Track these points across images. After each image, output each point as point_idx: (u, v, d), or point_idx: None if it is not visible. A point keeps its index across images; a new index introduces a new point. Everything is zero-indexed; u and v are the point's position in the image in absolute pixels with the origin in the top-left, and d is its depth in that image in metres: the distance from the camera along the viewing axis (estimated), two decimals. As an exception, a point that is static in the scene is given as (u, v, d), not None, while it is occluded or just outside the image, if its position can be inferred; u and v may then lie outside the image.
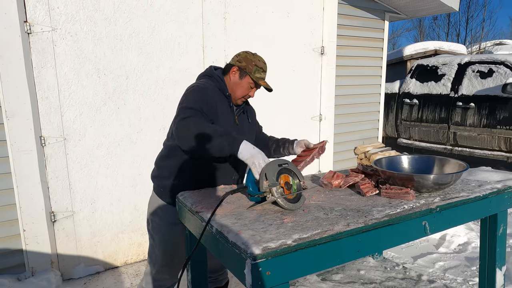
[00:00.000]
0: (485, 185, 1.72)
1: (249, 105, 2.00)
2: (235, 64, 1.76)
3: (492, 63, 5.32)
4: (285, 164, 1.43)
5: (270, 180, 1.35)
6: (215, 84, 1.74)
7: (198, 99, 1.60)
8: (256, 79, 1.74)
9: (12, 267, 2.56)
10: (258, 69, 1.74)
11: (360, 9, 4.21)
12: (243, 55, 1.77)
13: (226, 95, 1.74)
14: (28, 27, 2.42)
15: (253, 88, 1.78)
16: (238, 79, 1.75)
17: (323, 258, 1.15)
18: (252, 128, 1.94)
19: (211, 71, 1.80)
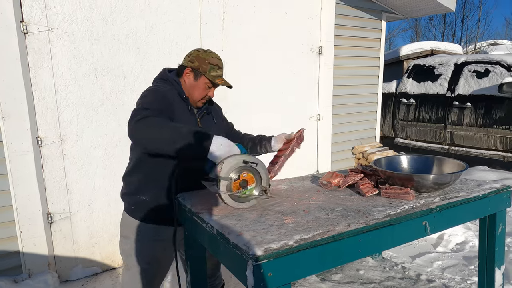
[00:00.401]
0: (484, 185, 1.72)
1: (213, 104, 1.89)
2: (187, 65, 1.65)
3: (488, 63, 5.35)
4: (254, 164, 1.36)
5: (223, 171, 1.31)
6: (171, 87, 1.64)
7: (154, 100, 1.51)
8: (212, 78, 1.62)
9: (8, 269, 2.54)
10: (213, 67, 1.63)
11: (357, 9, 4.22)
12: (194, 54, 1.65)
13: (184, 98, 1.64)
14: (24, 26, 2.40)
15: (211, 87, 1.67)
16: (193, 81, 1.64)
17: (324, 259, 1.15)
18: (219, 129, 1.83)
19: (165, 74, 1.70)
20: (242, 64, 3.38)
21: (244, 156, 1.35)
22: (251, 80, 3.46)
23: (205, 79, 1.63)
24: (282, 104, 3.72)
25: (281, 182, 1.93)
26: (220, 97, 3.28)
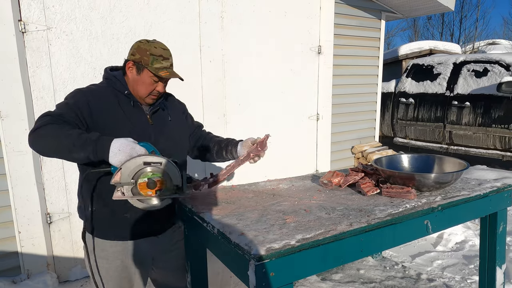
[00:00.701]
0: (485, 184, 1.72)
1: (172, 100, 1.73)
2: (129, 58, 1.49)
3: (487, 62, 5.36)
4: (157, 163, 1.27)
5: (123, 177, 1.25)
6: (109, 85, 1.50)
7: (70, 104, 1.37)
8: (155, 70, 1.44)
9: (7, 270, 2.52)
10: (156, 58, 1.45)
11: (357, 8, 4.22)
12: (135, 45, 1.49)
13: (126, 94, 1.49)
14: (22, 26, 2.38)
15: (158, 81, 1.49)
16: (136, 75, 1.48)
17: (326, 259, 1.14)
18: (177, 127, 1.66)
19: (106, 73, 1.55)
20: (241, 64, 3.37)
21: (145, 157, 1.26)
22: (250, 79, 3.45)
23: (148, 72, 1.46)
24: (281, 104, 3.71)
25: (281, 182, 1.93)
26: (219, 96, 3.28)
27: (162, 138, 1.54)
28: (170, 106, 1.67)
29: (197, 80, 3.13)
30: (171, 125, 1.62)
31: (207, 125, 3.34)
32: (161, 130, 1.57)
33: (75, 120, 1.35)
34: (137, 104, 1.52)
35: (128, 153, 1.25)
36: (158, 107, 1.58)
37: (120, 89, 1.50)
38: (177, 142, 1.64)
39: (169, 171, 1.30)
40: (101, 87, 1.51)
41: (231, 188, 1.83)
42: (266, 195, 1.66)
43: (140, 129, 1.49)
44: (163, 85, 1.52)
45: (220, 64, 3.23)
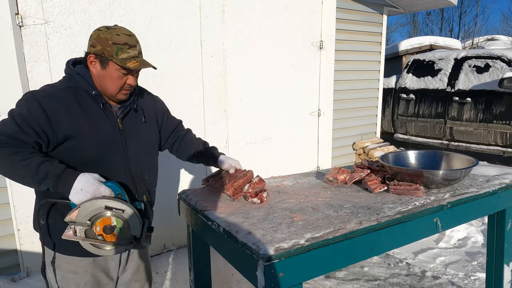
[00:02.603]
0: (493, 181, 1.69)
1: (146, 97, 1.53)
2: (90, 51, 1.28)
3: (489, 57, 5.32)
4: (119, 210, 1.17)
5: (80, 216, 1.15)
6: (72, 84, 1.30)
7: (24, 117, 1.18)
8: (122, 62, 1.24)
9: (6, 268, 2.49)
10: (120, 47, 1.24)
11: (358, 2, 4.17)
12: (94, 35, 1.27)
13: (93, 95, 1.30)
14: (19, 19, 2.33)
15: (128, 74, 1.29)
16: (100, 70, 1.27)
17: (336, 258, 1.11)
18: (151, 129, 1.49)
19: (68, 68, 1.35)
20: (243, 58, 3.32)
21: (108, 201, 1.15)
22: (252, 75, 3.41)
23: (114, 65, 1.26)
24: (282, 99, 3.67)
25: (285, 178, 1.90)
26: (220, 91, 3.24)
27: (133, 143, 1.39)
28: (145, 104, 1.48)
29: (198, 75, 3.09)
30: (143, 127, 1.44)
31: (208, 121, 3.31)
32: (133, 134, 1.40)
33: (31, 137, 1.18)
34: (107, 107, 1.32)
35: (91, 193, 1.15)
36: (129, 107, 1.39)
37: (85, 89, 1.30)
38: (149, 145, 1.49)
39: (130, 220, 1.19)
40: (60, 88, 1.28)
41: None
42: (271, 192, 1.63)
43: (109, 135, 1.32)
44: (134, 77, 1.32)
45: (221, 59, 3.18)
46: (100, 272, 1.41)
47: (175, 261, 2.90)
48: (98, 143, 1.28)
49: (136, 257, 1.56)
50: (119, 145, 1.34)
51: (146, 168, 1.47)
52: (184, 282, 2.60)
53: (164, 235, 3.04)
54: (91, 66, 1.30)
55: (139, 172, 1.43)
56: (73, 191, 1.15)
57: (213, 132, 3.24)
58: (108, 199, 1.16)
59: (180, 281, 2.63)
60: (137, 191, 1.42)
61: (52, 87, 1.29)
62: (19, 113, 1.19)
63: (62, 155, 1.26)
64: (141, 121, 1.44)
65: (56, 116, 1.21)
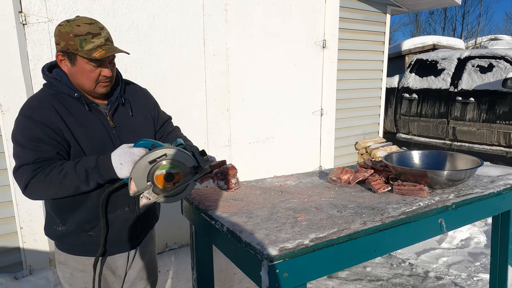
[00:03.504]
0: (498, 181, 1.68)
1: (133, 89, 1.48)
2: (57, 50, 1.23)
3: (492, 57, 5.30)
4: (162, 157, 1.19)
5: (137, 185, 1.18)
6: (52, 91, 1.26)
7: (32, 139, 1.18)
8: (87, 54, 1.17)
9: (9, 266, 2.49)
10: (83, 38, 1.17)
11: (362, 2, 4.15)
12: (56, 31, 1.21)
13: (76, 97, 1.26)
14: (23, 17, 2.33)
15: (99, 65, 1.22)
16: (71, 67, 1.22)
17: (340, 258, 1.11)
18: (142, 121, 1.45)
19: (45, 75, 1.29)
20: (245, 57, 3.31)
21: (147, 156, 1.17)
22: (254, 74, 3.40)
23: (82, 58, 1.19)
24: (285, 99, 3.66)
25: (288, 178, 1.89)
26: (222, 90, 3.24)
27: (127, 137, 1.36)
28: (132, 98, 1.44)
29: (201, 74, 3.08)
30: (134, 121, 1.41)
31: (211, 119, 3.31)
32: (125, 129, 1.37)
33: (52, 151, 1.19)
34: (93, 106, 1.29)
35: (130, 160, 1.16)
36: (117, 102, 1.36)
37: (67, 93, 1.25)
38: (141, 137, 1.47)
39: (178, 157, 1.20)
40: (43, 98, 1.24)
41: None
42: (274, 192, 1.63)
43: (102, 135, 1.30)
44: (107, 67, 1.25)
45: (224, 58, 3.18)
46: (107, 270, 1.42)
47: (177, 259, 2.90)
48: (92, 143, 1.26)
49: (142, 255, 1.56)
50: (114, 143, 1.32)
51: None
52: (186, 281, 2.60)
53: (166, 233, 3.04)
54: (61, 65, 1.25)
55: None
56: (117, 170, 1.16)
57: (216, 131, 3.24)
58: (146, 155, 1.18)
59: (182, 280, 2.63)
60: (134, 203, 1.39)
61: (34, 99, 1.25)
62: (25, 138, 1.19)
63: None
64: (129, 115, 1.39)
65: (53, 124, 1.20)
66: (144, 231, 1.49)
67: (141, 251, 1.55)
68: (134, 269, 1.53)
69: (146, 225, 1.49)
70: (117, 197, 1.33)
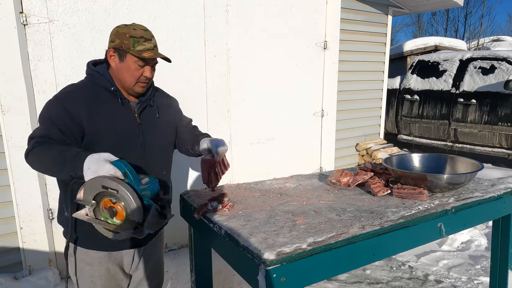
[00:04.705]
0: (498, 185, 1.67)
1: (160, 94, 1.61)
2: (109, 46, 1.38)
3: (494, 59, 5.28)
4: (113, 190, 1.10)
5: (85, 195, 1.14)
6: (92, 82, 1.39)
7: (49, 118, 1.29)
8: (138, 53, 1.33)
9: (9, 266, 2.50)
10: (137, 40, 1.34)
11: (363, 3, 4.14)
12: (113, 31, 1.38)
13: (112, 91, 1.38)
14: (24, 18, 2.33)
15: (144, 66, 1.37)
16: (119, 63, 1.36)
17: (338, 263, 1.10)
18: (166, 124, 1.56)
19: (89, 68, 1.43)
20: (246, 58, 3.31)
21: (104, 180, 1.10)
22: (255, 75, 3.40)
23: (131, 57, 1.34)
24: (286, 100, 3.65)
25: (288, 180, 1.89)
26: (223, 91, 3.23)
27: (150, 136, 1.45)
28: (158, 101, 1.55)
29: (201, 75, 3.08)
30: (159, 122, 1.51)
31: (211, 120, 3.31)
32: (149, 128, 1.46)
33: (59, 134, 1.27)
34: (125, 101, 1.41)
35: (95, 170, 1.13)
36: (146, 103, 1.47)
37: (105, 86, 1.38)
38: (165, 140, 1.54)
39: (126, 203, 1.09)
40: (80, 87, 1.38)
41: (236, 186, 1.79)
42: (273, 194, 1.62)
43: (128, 129, 1.39)
44: (150, 69, 1.40)
45: (224, 58, 3.17)
46: (115, 266, 1.45)
47: (177, 260, 2.90)
48: (116, 135, 1.35)
49: (149, 258, 1.57)
50: (137, 138, 1.41)
51: (164, 163, 1.52)
52: (185, 282, 2.60)
53: (166, 234, 3.02)
54: (111, 60, 1.38)
55: (157, 167, 1.47)
56: (84, 171, 1.16)
57: (216, 132, 3.24)
58: (107, 178, 1.10)
59: (181, 281, 2.63)
60: None
61: (72, 86, 1.39)
62: (45, 116, 1.31)
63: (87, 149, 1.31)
64: (156, 116, 1.50)
65: (75, 112, 1.30)
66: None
67: (148, 253, 1.56)
68: (140, 270, 1.56)
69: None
70: None
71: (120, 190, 1.09)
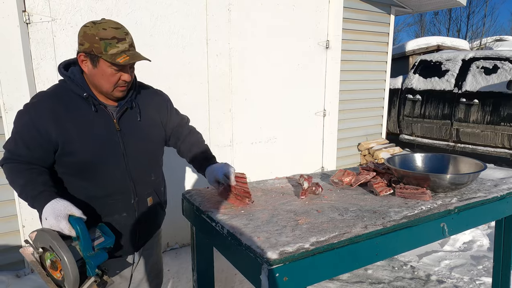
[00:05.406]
0: (501, 185, 1.67)
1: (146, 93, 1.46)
2: (79, 50, 1.23)
3: (497, 59, 5.26)
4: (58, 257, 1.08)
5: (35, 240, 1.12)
6: (64, 88, 1.27)
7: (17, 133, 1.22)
8: (111, 58, 1.18)
9: (11, 264, 2.51)
10: (109, 42, 1.18)
11: (366, 2, 4.13)
12: (81, 32, 1.21)
13: (84, 97, 1.26)
14: (26, 17, 2.33)
15: (121, 70, 1.24)
16: (92, 69, 1.23)
17: (341, 263, 1.10)
18: (150, 127, 1.42)
19: (60, 72, 1.30)
20: (248, 58, 3.31)
21: (53, 242, 1.06)
22: (257, 74, 3.39)
23: (105, 62, 1.20)
24: (288, 99, 3.65)
25: (290, 180, 1.88)
26: (225, 91, 3.23)
27: (131, 142, 1.34)
28: (143, 102, 1.41)
29: (203, 74, 3.08)
30: (140, 126, 1.38)
31: (213, 119, 3.31)
32: (130, 133, 1.34)
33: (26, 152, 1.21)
34: (100, 108, 1.28)
35: (50, 225, 1.09)
36: (126, 106, 1.34)
37: (76, 92, 1.26)
38: (148, 145, 1.41)
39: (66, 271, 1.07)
40: (49, 95, 1.26)
41: (239, 185, 1.78)
42: (275, 194, 1.62)
43: (105, 138, 1.28)
44: (128, 72, 1.26)
45: (227, 58, 3.17)
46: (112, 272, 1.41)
47: (178, 259, 2.91)
48: (90, 146, 1.25)
49: (147, 258, 1.56)
50: (116, 146, 1.30)
51: (149, 168, 1.43)
52: (187, 281, 2.60)
53: (167, 233, 3.03)
54: (82, 65, 1.25)
55: (142, 174, 1.39)
56: (42, 217, 1.13)
57: (218, 131, 3.24)
58: (56, 240, 1.07)
59: (183, 280, 2.63)
60: (137, 195, 1.37)
61: (41, 95, 1.28)
62: (14, 127, 1.25)
63: (60, 162, 1.26)
64: (137, 120, 1.37)
65: (42, 125, 1.20)
66: (142, 238, 1.48)
67: (146, 254, 1.55)
68: (139, 271, 1.54)
69: (146, 232, 1.49)
70: (114, 200, 1.32)
71: (63, 260, 1.07)
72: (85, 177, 1.28)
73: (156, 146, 1.47)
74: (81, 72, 1.28)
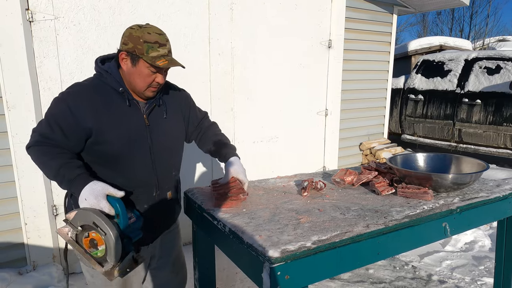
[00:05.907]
0: (503, 185, 1.66)
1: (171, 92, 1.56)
2: (121, 48, 1.33)
3: (500, 59, 5.24)
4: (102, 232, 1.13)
5: (74, 220, 1.16)
6: (100, 81, 1.35)
7: (53, 116, 1.28)
8: (152, 60, 1.28)
9: (13, 261, 2.51)
10: (151, 45, 1.28)
11: (368, 1, 4.12)
12: (126, 33, 1.32)
13: (120, 92, 1.34)
14: (30, 15, 2.34)
15: (156, 72, 1.33)
16: (131, 67, 1.32)
17: (342, 261, 1.10)
18: (174, 124, 1.51)
19: (97, 66, 1.39)
20: (251, 57, 3.31)
21: (98, 218, 1.12)
22: (259, 73, 3.39)
23: (144, 63, 1.30)
24: (290, 98, 3.65)
25: (291, 179, 1.88)
26: (227, 90, 3.23)
27: (159, 138, 1.42)
28: (168, 100, 1.50)
29: (206, 73, 3.08)
30: (167, 122, 1.47)
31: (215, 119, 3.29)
32: (158, 129, 1.43)
33: (59, 135, 1.26)
34: (133, 103, 1.37)
35: (90, 204, 1.16)
36: (154, 103, 1.43)
37: (113, 86, 1.34)
38: (172, 141, 1.50)
39: (108, 245, 1.13)
40: (87, 86, 1.34)
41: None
42: (277, 193, 1.62)
43: (135, 132, 1.36)
44: (162, 75, 1.36)
45: (229, 57, 3.17)
46: None
47: (179, 258, 2.91)
48: (122, 138, 1.32)
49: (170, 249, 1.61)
50: (145, 141, 1.38)
51: (171, 164, 1.51)
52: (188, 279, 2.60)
53: (169, 232, 3.04)
54: (122, 63, 1.34)
55: (166, 169, 1.46)
56: (80, 199, 1.18)
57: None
58: (100, 216, 1.13)
59: (184, 279, 2.63)
60: (159, 188, 1.44)
61: (79, 85, 1.35)
62: (50, 113, 1.30)
63: (90, 151, 1.32)
64: (163, 117, 1.46)
65: (80, 112, 1.27)
66: (159, 231, 1.53)
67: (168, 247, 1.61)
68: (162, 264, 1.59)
69: (163, 225, 1.55)
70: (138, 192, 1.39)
71: (108, 234, 1.12)
72: (112, 167, 1.34)
73: (178, 143, 1.56)
74: (117, 67, 1.36)
